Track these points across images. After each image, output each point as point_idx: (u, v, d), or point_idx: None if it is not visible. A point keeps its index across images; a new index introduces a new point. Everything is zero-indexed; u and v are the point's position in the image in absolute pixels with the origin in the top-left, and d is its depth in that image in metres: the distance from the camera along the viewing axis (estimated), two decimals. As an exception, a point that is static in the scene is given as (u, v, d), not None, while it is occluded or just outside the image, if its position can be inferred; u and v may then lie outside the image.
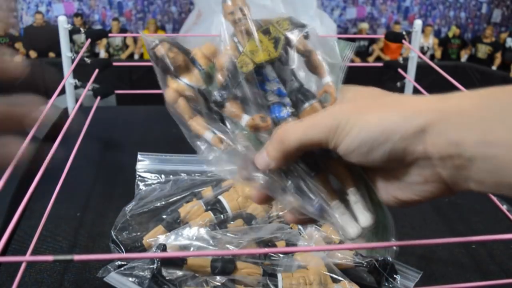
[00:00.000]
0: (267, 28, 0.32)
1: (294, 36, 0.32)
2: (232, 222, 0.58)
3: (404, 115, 0.27)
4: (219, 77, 0.33)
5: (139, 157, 0.74)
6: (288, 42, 0.32)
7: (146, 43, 0.34)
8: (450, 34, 3.93)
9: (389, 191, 0.31)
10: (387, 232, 0.34)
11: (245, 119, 0.33)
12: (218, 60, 0.33)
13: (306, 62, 0.33)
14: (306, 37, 0.33)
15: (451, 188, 0.28)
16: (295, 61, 0.33)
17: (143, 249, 0.55)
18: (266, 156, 0.31)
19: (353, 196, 0.33)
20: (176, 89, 0.34)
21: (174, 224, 0.57)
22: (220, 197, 0.61)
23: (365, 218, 0.32)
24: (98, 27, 3.91)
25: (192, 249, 0.51)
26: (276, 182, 0.33)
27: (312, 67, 0.33)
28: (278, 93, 0.33)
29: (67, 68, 0.93)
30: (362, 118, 0.28)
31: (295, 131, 0.30)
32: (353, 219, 0.33)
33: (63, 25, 0.89)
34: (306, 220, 0.34)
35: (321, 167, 0.33)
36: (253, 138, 0.33)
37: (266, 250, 0.46)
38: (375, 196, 0.33)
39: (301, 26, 0.33)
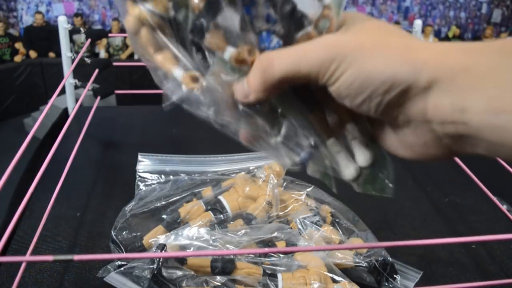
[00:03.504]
0: None
1: None
2: (232, 222, 0.58)
3: (413, 65, 0.23)
4: (195, 1, 0.27)
5: (139, 157, 0.74)
6: None
7: None
8: (450, 34, 3.93)
9: (387, 143, 0.27)
10: (385, 180, 0.30)
11: (229, 51, 0.27)
12: None
13: None
14: None
15: (454, 152, 0.25)
16: None
17: (143, 249, 0.55)
18: (246, 85, 0.27)
19: (351, 132, 0.29)
20: (137, 16, 0.28)
21: (174, 224, 0.57)
22: (220, 197, 0.61)
23: (363, 156, 0.28)
24: (98, 27, 3.91)
25: (192, 249, 0.51)
26: (258, 121, 0.28)
27: None
28: (267, 19, 0.27)
29: (67, 68, 0.93)
30: (364, 58, 0.23)
31: (281, 60, 0.25)
32: (350, 159, 0.29)
33: (63, 25, 0.89)
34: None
35: (316, 101, 0.29)
36: (237, 70, 0.27)
37: (266, 250, 0.45)
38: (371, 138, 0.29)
39: None
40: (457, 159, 0.69)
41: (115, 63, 0.95)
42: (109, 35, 0.95)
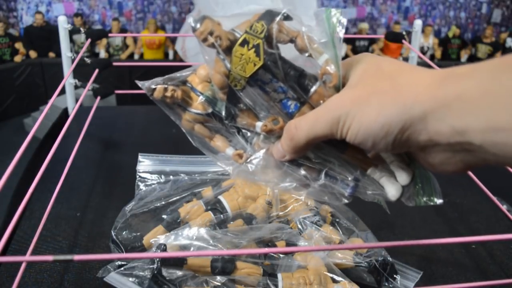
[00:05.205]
0: (244, 38, 0.32)
1: (273, 31, 0.32)
2: (232, 222, 0.58)
3: (403, 104, 0.26)
4: (222, 96, 0.34)
5: (139, 158, 0.74)
6: (269, 41, 0.32)
7: (145, 90, 0.36)
8: (450, 34, 3.93)
9: (418, 162, 0.31)
10: (432, 190, 0.33)
11: (259, 125, 0.34)
12: (213, 80, 0.34)
13: (296, 46, 0.33)
14: (287, 18, 0.32)
15: (468, 166, 0.28)
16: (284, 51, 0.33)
17: (143, 249, 0.55)
18: (281, 148, 0.33)
19: (388, 157, 0.33)
20: (188, 119, 0.37)
21: (174, 224, 0.57)
22: (220, 197, 0.61)
23: (401, 176, 0.32)
24: (98, 27, 3.91)
25: (192, 249, 0.51)
26: (301, 173, 0.34)
27: (303, 50, 0.32)
28: (280, 91, 0.33)
29: (67, 68, 0.93)
30: (361, 111, 0.28)
31: (301, 128, 0.31)
32: (392, 179, 0.32)
33: (63, 25, 0.89)
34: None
35: (346, 142, 0.33)
36: (270, 137, 0.35)
37: (266, 250, 0.45)
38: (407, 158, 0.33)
39: (277, 14, 0.32)
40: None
41: (115, 63, 0.95)
42: (109, 35, 0.95)
